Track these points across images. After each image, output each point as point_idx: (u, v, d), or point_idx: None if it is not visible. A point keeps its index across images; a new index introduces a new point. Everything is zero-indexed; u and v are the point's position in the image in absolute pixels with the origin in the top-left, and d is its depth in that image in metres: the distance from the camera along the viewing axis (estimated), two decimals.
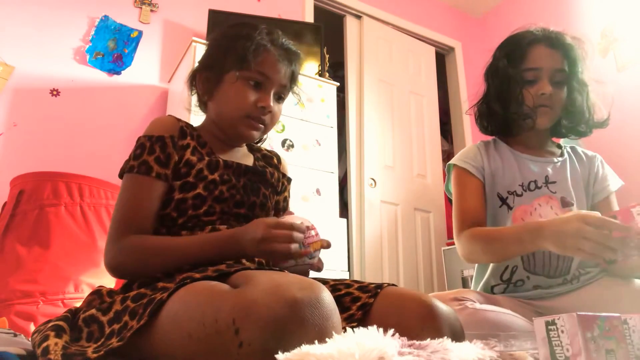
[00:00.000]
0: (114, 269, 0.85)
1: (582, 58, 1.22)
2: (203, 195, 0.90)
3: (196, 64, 1.04)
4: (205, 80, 1.00)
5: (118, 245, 0.85)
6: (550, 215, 1.19)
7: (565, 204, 1.21)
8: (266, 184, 1.03)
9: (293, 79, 1.04)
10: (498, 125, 1.30)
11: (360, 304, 0.81)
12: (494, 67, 1.28)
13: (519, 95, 1.20)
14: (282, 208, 1.11)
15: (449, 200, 1.37)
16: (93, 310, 0.75)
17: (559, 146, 1.34)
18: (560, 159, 1.28)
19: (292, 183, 1.16)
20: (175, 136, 0.93)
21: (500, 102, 1.25)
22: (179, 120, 0.97)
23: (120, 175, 0.92)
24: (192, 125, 1.00)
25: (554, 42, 1.21)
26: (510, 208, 1.22)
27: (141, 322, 0.64)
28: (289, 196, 1.14)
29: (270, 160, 1.12)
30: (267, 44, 0.97)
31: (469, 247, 1.16)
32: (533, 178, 1.24)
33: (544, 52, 1.21)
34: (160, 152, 0.90)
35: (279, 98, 1.02)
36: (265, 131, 1.03)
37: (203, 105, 1.06)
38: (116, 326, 0.69)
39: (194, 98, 1.08)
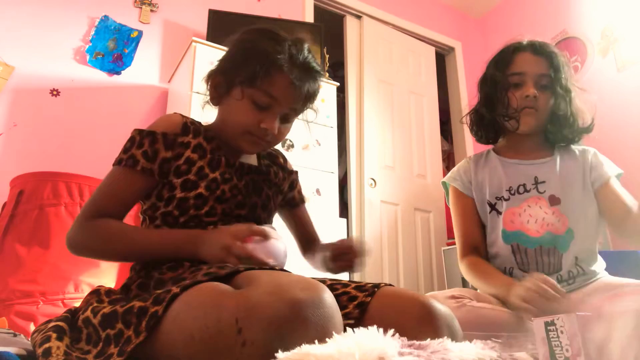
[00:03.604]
0: (72, 246, 0.88)
1: (565, 65, 1.28)
2: (205, 196, 0.90)
3: (216, 62, 1.00)
4: (216, 85, 0.98)
5: (82, 225, 0.87)
6: (540, 214, 1.24)
7: (554, 201, 1.26)
8: (269, 184, 1.02)
9: (309, 98, 0.98)
10: (487, 130, 1.37)
11: (357, 302, 0.81)
12: (484, 75, 1.36)
13: (505, 98, 1.27)
14: (299, 200, 1.15)
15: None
16: (88, 312, 0.75)
17: (552, 148, 1.37)
18: (549, 158, 1.32)
19: (298, 174, 1.18)
20: (169, 133, 0.92)
21: (488, 106, 1.33)
22: (184, 117, 0.97)
23: None
24: (198, 122, 0.99)
25: (538, 49, 1.28)
26: (499, 213, 1.29)
27: (140, 338, 0.64)
28: (301, 187, 1.17)
29: (275, 158, 1.11)
30: (283, 65, 0.90)
31: (467, 276, 1.29)
32: (522, 182, 1.29)
33: (529, 58, 1.28)
34: (148, 146, 0.90)
35: (286, 120, 0.98)
36: (269, 147, 1.01)
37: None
38: (111, 332, 0.69)
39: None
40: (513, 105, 1.26)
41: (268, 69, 0.90)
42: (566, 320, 0.58)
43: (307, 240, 1.15)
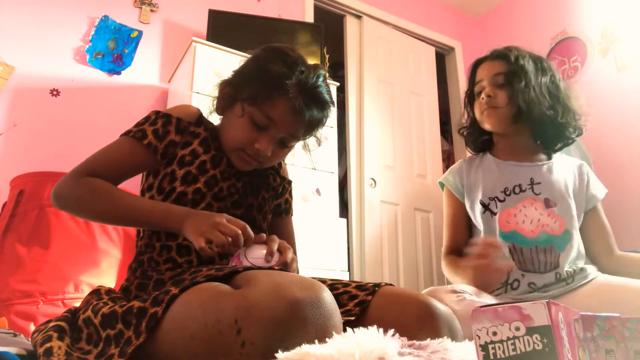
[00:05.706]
0: (58, 197, 0.88)
1: (527, 59, 1.32)
2: (203, 191, 0.91)
3: (231, 72, 1.00)
4: (223, 95, 0.99)
5: (73, 179, 0.89)
6: (535, 215, 1.27)
7: (549, 204, 1.28)
8: (267, 187, 1.03)
9: (312, 126, 0.96)
10: (476, 141, 1.45)
11: (357, 301, 0.81)
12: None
13: (473, 108, 1.39)
14: (283, 210, 1.11)
15: None
16: (89, 311, 0.75)
17: (549, 154, 1.40)
18: (546, 162, 1.35)
19: (292, 183, 1.16)
20: (183, 119, 0.95)
21: (473, 120, 1.42)
22: (200, 111, 1.00)
23: None
24: (210, 122, 1.02)
25: (495, 54, 1.36)
26: (493, 214, 1.30)
27: (140, 339, 0.64)
28: (291, 198, 1.14)
29: None
30: (288, 89, 0.89)
31: (445, 272, 1.37)
32: (517, 182, 1.31)
33: (486, 65, 1.37)
34: (160, 126, 0.93)
35: (284, 144, 0.96)
36: (260, 167, 0.99)
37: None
38: (111, 332, 0.69)
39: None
40: (477, 110, 1.37)
41: (270, 91, 0.89)
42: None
43: None
